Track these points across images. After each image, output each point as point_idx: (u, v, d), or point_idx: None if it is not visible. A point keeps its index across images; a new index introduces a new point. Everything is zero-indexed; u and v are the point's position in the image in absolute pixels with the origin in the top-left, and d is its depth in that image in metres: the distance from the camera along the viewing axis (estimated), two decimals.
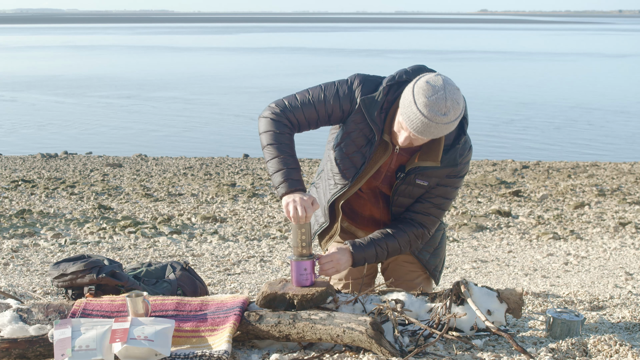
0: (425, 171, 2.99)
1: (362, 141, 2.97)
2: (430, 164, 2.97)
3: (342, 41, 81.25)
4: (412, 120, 2.76)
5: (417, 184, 3.02)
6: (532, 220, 9.26)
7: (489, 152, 16.02)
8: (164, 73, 36.84)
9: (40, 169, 13.58)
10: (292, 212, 2.80)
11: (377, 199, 3.16)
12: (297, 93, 3.01)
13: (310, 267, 2.85)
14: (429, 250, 3.29)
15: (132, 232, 8.19)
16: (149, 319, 2.64)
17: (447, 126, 2.76)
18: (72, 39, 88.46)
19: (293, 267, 2.86)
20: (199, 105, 24.03)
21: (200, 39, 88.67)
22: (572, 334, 2.82)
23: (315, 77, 32.60)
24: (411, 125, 2.77)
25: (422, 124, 2.74)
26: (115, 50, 59.74)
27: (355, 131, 2.97)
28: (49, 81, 31.87)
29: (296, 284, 2.85)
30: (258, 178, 12.69)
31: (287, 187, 2.85)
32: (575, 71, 39.82)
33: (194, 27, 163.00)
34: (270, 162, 2.92)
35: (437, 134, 2.79)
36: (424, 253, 3.28)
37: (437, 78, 2.78)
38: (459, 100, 2.76)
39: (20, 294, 4.45)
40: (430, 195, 3.06)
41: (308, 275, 2.85)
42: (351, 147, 3.00)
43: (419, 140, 2.85)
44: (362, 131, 2.96)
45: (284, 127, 2.95)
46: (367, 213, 3.22)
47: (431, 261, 3.30)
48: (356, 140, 2.98)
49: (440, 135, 2.81)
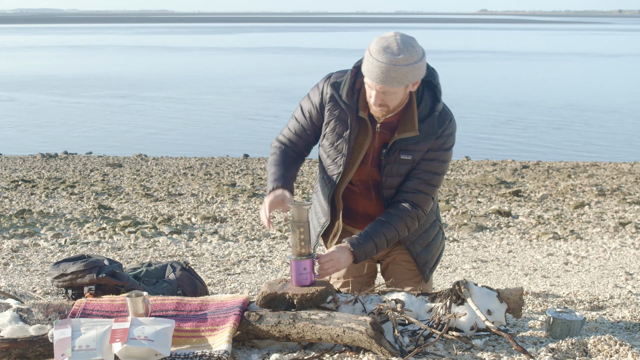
0: (407, 145, 3.02)
1: (342, 128, 3.05)
2: (409, 134, 3.00)
3: (342, 41, 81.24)
4: (371, 70, 2.84)
5: (402, 160, 3.04)
6: (532, 220, 9.26)
7: (489, 152, 16.02)
8: (165, 73, 36.85)
9: (40, 169, 13.58)
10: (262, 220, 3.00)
11: (369, 191, 3.17)
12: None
13: (310, 266, 2.85)
14: (422, 244, 3.26)
15: (132, 232, 8.19)
16: (149, 319, 2.64)
17: (405, 69, 2.81)
18: (72, 39, 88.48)
19: (292, 266, 2.86)
20: (199, 105, 24.04)
21: (200, 39, 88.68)
22: (572, 334, 2.82)
23: (314, 77, 32.53)
24: (372, 76, 2.84)
25: (380, 69, 2.81)
26: (113, 50, 59.75)
27: (333, 119, 3.06)
28: (47, 81, 31.87)
29: (296, 283, 2.84)
30: (258, 178, 12.69)
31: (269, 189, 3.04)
32: (575, 71, 39.83)
33: (193, 27, 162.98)
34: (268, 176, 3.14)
35: (399, 78, 2.83)
36: (416, 246, 3.25)
37: (390, 32, 2.91)
38: (413, 44, 2.84)
39: (20, 294, 4.45)
40: (417, 172, 3.07)
41: (308, 275, 2.84)
42: (334, 137, 3.08)
43: (388, 93, 2.89)
44: (339, 117, 3.05)
45: (275, 149, 3.20)
46: (361, 209, 3.22)
47: (422, 255, 3.27)
48: (336, 129, 3.06)
49: (404, 80, 2.85)
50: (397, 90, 2.89)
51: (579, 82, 33.22)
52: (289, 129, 3.20)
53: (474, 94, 26.62)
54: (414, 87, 2.94)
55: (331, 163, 3.13)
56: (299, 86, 28.71)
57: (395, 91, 2.89)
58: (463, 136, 17.77)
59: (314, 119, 3.12)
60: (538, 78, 34.59)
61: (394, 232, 3.06)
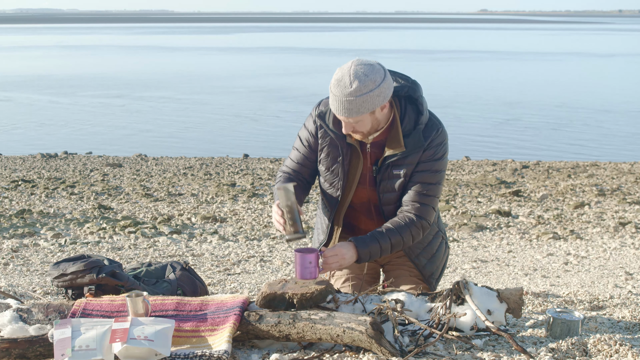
0: (397, 160, 3.07)
1: (335, 152, 3.14)
2: (396, 151, 3.06)
3: (342, 41, 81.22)
4: (332, 103, 2.94)
5: (394, 175, 3.10)
6: (532, 220, 9.26)
7: (489, 152, 16.02)
8: (165, 73, 36.84)
9: (40, 169, 13.58)
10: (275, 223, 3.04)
11: (370, 212, 3.25)
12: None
13: (315, 260, 2.86)
14: (426, 257, 3.31)
15: (132, 232, 8.19)
16: (149, 319, 2.64)
17: (360, 99, 2.87)
18: (72, 39, 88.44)
19: (297, 259, 2.86)
20: (200, 105, 24.03)
21: (200, 39, 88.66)
22: (572, 334, 2.82)
23: (314, 76, 32.66)
24: (334, 108, 2.94)
25: (337, 102, 2.90)
26: (113, 50, 59.72)
27: (326, 146, 3.16)
28: (47, 81, 31.86)
29: (300, 276, 2.85)
30: (258, 178, 12.69)
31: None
32: (575, 71, 39.83)
33: (193, 27, 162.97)
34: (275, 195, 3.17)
35: (356, 109, 2.89)
36: (420, 259, 3.30)
37: (349, 62, 2.94)
38: (368, 72, 2.87)
39: (20, 294, 4.45)
40: (412, 184, 3.11)
41: (312, 269, 2.85)
42: (329, 162, 3.17)
43: (355, 121, 2.96)
44: (330, 144, 3.14)
45: (280, 177, 3.29)
46: (363, 226, 3.29)
47: (427, 267, 3.31)
48: (330, 154, 3.16)
49: (362, 110, 2.90)
50: (361, 118, 2.95)
51: (579, 82, 33.23)
52: (291, 160, 3.27)
53: (474, 94, 26.62)
54: (382, 110, 2.98)
55: (329, 187, 3.22)
56: (299, 86, 28.71)
57: (360, 119, 2.95)
58: (463, 136, 17.78)
59: (312, 146, 3.21)
60: (538, 78, 34.59)
61: (399, 238, 3.08)
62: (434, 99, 23.68)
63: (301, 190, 3.22)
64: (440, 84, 29.93)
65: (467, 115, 21.39)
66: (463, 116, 21.05)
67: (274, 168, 13.83)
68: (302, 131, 3.23)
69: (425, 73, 34.29)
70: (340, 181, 3.16)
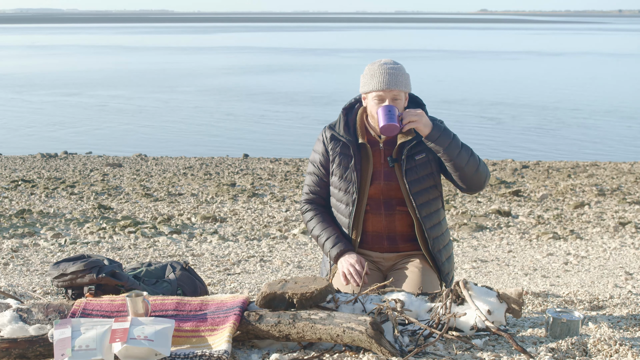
0: (415, 146, 3.25)
1: (347, 160, 3.29)
2: (408, 137, 3.25)
3: (342, 41, 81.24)
4: (378, 79, 3.16)
5: (418, 160, 3.26)
6: (532, 220, 9.26)
7: (489, 152, 16.01)
8: (164, 72, 36.84)
9: (40, 169, 13.58)
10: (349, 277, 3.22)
11: (378, 207, 3.33)
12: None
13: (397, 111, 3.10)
14: (446, 255, 3.39)
15: (132, 232, 8.19)
16: (149, 318, 2.64)
17: (405, 74, 3.20)
18: (72, 38, 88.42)
19: (380, 111, 3.08)
20: (200, 105, 24.03)
21: (200, 39, 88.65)
22: (572, 333, 2.82)
23: (313, 77, 32.67)
24: (379, 83, 3.16)
25: (387, 73, 3.15)
26: (113, 50, 59.72)
27: (337, 155, 3.31)
28: (47, 81, 31.87)
29: (384, 121, 3.04)
30: (258, 178, 12.69)
31: (340, 248, 3.28)
32: (575, 71, 39.83)
33: (193, 27, 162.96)
34: (318, 238, 3.37)
35: (404, 82, 3.19)
36: (442, 254, 3.38)
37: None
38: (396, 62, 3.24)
39: (20, 294, 4.45)
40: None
41: (395, 118, 3.06)
42: (341, 170, 3.31)
43: (396, 98, 3.17)
44: (342, 152, 3.30)
45: (309, 211, 3.44)
46: (370, 229, 3.35)
47: (445, 265, 3.39)
48: (342, 162, 3.30)
49: (407, 85, 3.20)
50: (400, 95, 3.19)
51: (579, 82, 33.22)
52: (308, 186, 3.44)
53: (473, 94, 26.61)
54: (406, 100, 3.24)
55: (344, 195, 3.33)
56: (299, 87, 28.72)
57: (399, 95, 3.18)
58: (463, 136, 17.68)
59: (325, 166, 3.37)
60: (538, 78, 34.60)
61: (470, 151, 3.24)
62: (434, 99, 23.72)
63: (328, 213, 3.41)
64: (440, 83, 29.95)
65: (467, 115, 21.39)
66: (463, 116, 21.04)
67: (274, 168, 13.83)
68: (313, 155, 3.41)
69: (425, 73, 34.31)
70: (354, 184, 3.28)
